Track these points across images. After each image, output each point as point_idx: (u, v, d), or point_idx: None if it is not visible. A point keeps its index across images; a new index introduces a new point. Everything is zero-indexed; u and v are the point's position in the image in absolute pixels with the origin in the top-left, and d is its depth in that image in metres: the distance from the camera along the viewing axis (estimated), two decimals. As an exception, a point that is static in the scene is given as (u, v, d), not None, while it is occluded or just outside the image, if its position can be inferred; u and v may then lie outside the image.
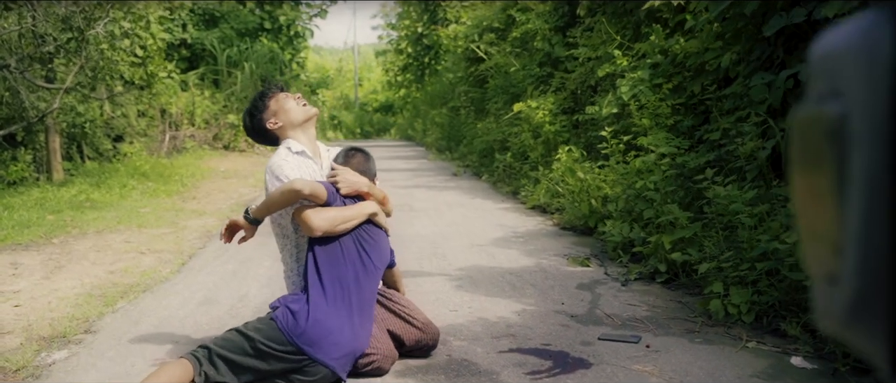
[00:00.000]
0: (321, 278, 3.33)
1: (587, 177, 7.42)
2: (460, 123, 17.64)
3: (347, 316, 3.28)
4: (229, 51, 22.34)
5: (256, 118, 3.64)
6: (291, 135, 3.61)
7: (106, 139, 15.41)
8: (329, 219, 3.31)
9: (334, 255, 3.37)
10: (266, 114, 3.61)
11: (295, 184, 3.28)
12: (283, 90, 3.70)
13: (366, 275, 3.40)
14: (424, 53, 31.61)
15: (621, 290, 5.06)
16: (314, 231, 3.28)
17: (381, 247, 3.58)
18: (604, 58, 9.31)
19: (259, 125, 3.64)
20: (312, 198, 3.33)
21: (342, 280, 3.33)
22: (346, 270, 3.35)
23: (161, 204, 9.89)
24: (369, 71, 50.59)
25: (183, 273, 5.97)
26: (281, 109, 3.60)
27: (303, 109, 3.63)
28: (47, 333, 4.41)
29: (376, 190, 3.62)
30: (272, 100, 3.63)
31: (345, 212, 3.40)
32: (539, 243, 6.80)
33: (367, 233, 3.50)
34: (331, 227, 3.30)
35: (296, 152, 3.55)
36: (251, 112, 3.67)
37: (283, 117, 3.59)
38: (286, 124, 3.59)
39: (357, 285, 3.36)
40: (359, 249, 3.44)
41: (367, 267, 3.43)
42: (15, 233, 7.53)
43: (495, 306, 4.70)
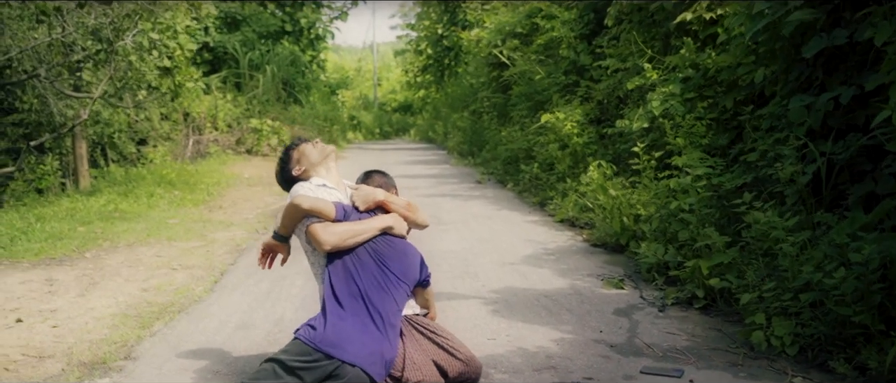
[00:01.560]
0: (336, 291, 3.40)
1: (619, 195, 7.36)
2: (483, 128, 17.57)
3: (366, 323, 3.30)
4: (251, 54, 22.40)
5: (285, 169, 3.94)
6: (315, 174, 3.85)
7: (130, 142, 15.50)
8: (338, 234, 3.46)
9: (349, 269, 3.44)
10: (291, 164, 3.91)
11: (295, 199, 3.54)
12: (304, 142, 3.97)
13: (386, 287, 3.42)
14: (444, 55, 31.52)
15: (659, 317, 5.02)
16: (323, 245, 3.44)
17: (405, 259, 3.59)
18: (632, 69, 9.26)
19: (288, 175, 3.91)
20: (316, 214, 3.49)
21: (359, 292, 3.37)
22: (362, 283, 3.40)
23: (188, 214, 9.92)
24: (388, 70, 50.60)
25: (216, 292, 5.98)
26: (302, 156, 3.89)
27: (319, 148, 3.91)
28: (87, 358, 4.42)
29: (396, 198, 3.75)
30: (295, 151, 3.93)
31: (355, 227, 3.52)
32: (571, 261, 6.76)
33: (388, 245, 3.55)
34: (340, 241, 3.45)
35: (317, 185, 3.75)
36: (280, 166, 3.97)
37: (305, 161, 3.87)
38: (308, 166, 3.86)
39: (377, 296, 3.38)
40: (376, 261, 3.48)
41: (387, 278, 3.46)
42: (48, 247, 7.57)
43: (533, 334, 4.66)
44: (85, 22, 9.61)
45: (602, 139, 10.16)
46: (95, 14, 9.61)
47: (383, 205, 3.68)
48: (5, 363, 4.37)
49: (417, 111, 39.25)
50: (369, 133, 36.34)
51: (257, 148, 18.71)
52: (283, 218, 3.63)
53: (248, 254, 7.41)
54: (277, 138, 19.21)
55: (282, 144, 18.94)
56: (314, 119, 23.00)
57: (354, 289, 3.37)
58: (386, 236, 3.57)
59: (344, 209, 3.57)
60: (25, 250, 7.42)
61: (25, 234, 8.06)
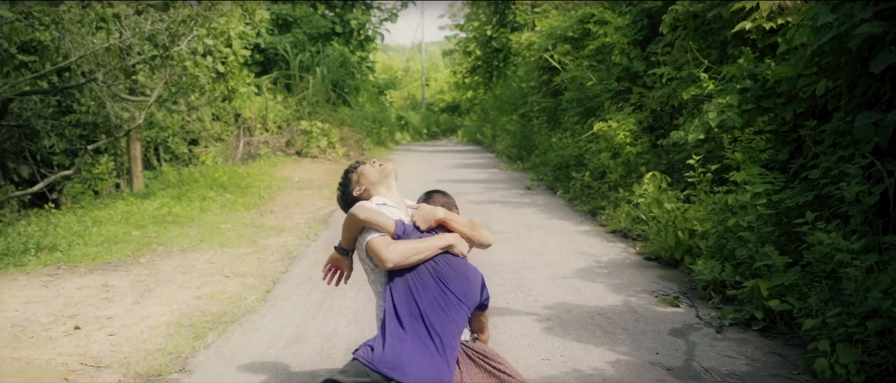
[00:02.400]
0: (397, 310, 3.35)
1: (674, 209, 7.23)
2: (532, 132, 17.47)
3: (426, 344, 3.24)
4: (301, 55, 22.60)
5: (346, 192, 3.91)
6: (375, 194, 3.81)
7: (182, 143, 15.74)
8: (399, 251, 3.41)
9: (409, 288, 3.39)
10: (351, 185, 3.89)
11: (353, 211, 3.55)
12: (362, 164, 3.93)
13: (446, 308, 3.35)
14: (493, 56, 31.43)
15: (716, 338, 4.90)
16: (385, 262, 3.39)
17: (466, 280, 3.51)
18: (687, 78, 9.10)
19: (349, 198, 3.88)
20: (373, 226, 3.47)
21: (419, 313, 3.31)
22: (422, 303, 3.34)
23: (240, 219, 10.01)
24: (436, 70, 50.68)
25: (269, 302, 6.01)
26: (361, 177, 3.86)
27: (378, 169, 3.87)
28: (143, 369, 4.47)
29: (457, 217, 3.70)
30: (354, 173, 3.91)
31: (417, 244, 3.46)
32: (625, 276, 6.66)
33: (449, 265, 3.48)
34: (401, 259, 3.39)
35: (378, 203, 3.70)
36: (341, 189, 3.95)
37: (364, 181, 3.84)
38: (368, 186, 3.83)
39: (437, 317, 3.32)
40: (437, 282, 3.42)
41: (447, 298, 3.39)
42: (104, 251, 7.70)
43: (588, 355, 4.59)
44: (142, 27, 9.77)
45: (654, 148, 10.01)
46: (152, 20, 9.76)
47: (444, 224, 3.62)
48: (65, 372, 4.44)
49: (465, 112, 39.22)
50: (417, 133, 36.40)
51: (307, 150, 18.84)
52: (343, 230, 3.63)
53: (299, 263, 7.45)
54: (327, 140, 19.34)
55: (331, 146, 19.09)
56: (363, 120, 23.11)
57: (415, 310, 3.32)
58: (447, 256, 3.51)
59: (404, 226, 3.53)
60: (83, 254, 7.55)
61: (82, 238, 8.20)
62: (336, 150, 19.46)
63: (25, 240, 7.95)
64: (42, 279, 6.72)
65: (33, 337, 5.14)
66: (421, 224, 3.58)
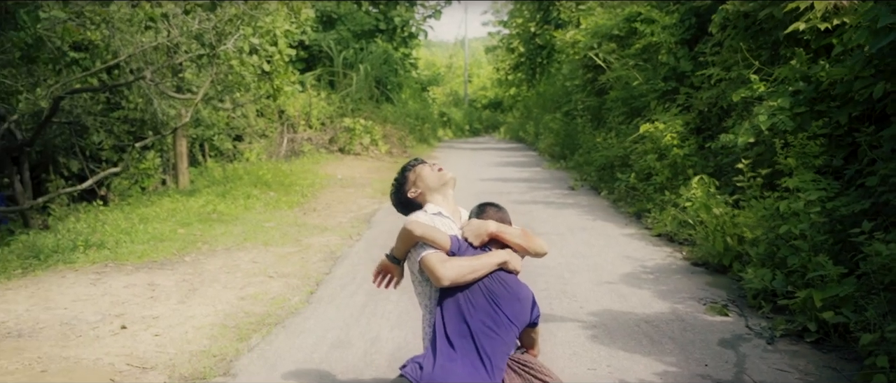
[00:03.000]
0: (447, 329, 3.25)
1: (723, 214, 7.08)
2: (576, 131, 17.32)
3: (477, 367, 3.16)
4: (345, 52, 22.69)
5: (400, 191, 3.75)
6: (430, 200, 3.65)
7: (227, 139, 15.91)
8: (455, 269, 3.26)
9: (461, 306, 3.28)
10: (407, 185, 3.71)
11: (408, 225, 3.37)
12: (422, 163, 3.77)
13: (497, 329, 3.26)
14: (536, 53, 31.23)
15: (768, 350, 4.78)
16: (440, 281, 3.26)
17: (518, 302, 3.40)
18: (737, 80, 8.91)
19: (403, 197, 3.73)
20: (429, 242, 3.33)
21: (469, 332, 3.22)
22: (473, 323, 3.24)
23: (283, 217, 10.06)
24: (479, 67, 50.58)
25: (312, 304, 6.01)
26: (418, 178, 3.68)
27: (438, 175, 3.68)
28: (188, 372, 4.49)
29: (509, 228, 3.52)
30: (411, 172, 3.73)
31: (473, 262, 3.32)
32: (671, 282, 6.53)
33: (502, 285, 3.35)
34: (457, 277, 3.25)
35: (432, 213, 3.56)
36: (396, 186, 3.78)
37: (421, 184, 3.67)
38: (424, 190, 3.66)
39: (487, 337, 3.22)
40: (489, 302, 3.32)
41: (498, 320, 3.30)
42: (150, 249, 7.78)
43: (635, 365, 4.50)
44: (189, 26, 9.86)
45: (701, 150, 9.83)
46: (199, 19, 9.85)
47: (497, 238, 3.50)
48: (111, 373, 4.48)
49: (507, 109, 39.06)
50: (459, 130, 36.37)
51: (350, 147, 18.91)
52: (397, 241, 3.50)
53: (342, 263, 7.45)
54: (369, 137, 19.38)
55: (374, 143, 19.12)
56: (405, 117, 23.13)
57: (464, 329, 3.24)
58: (500, 273, 3.37)
59: (458, 242, 3.42)
60: (129, 252, 7.64)
61: (129, 235, 8.30)
62: (379, 147, 19.51)
63: (75, 237, 8.08)
64: (90, 276, 6.80)
65: (81, 335, 5.19)
66: (472, 240, 3.43)
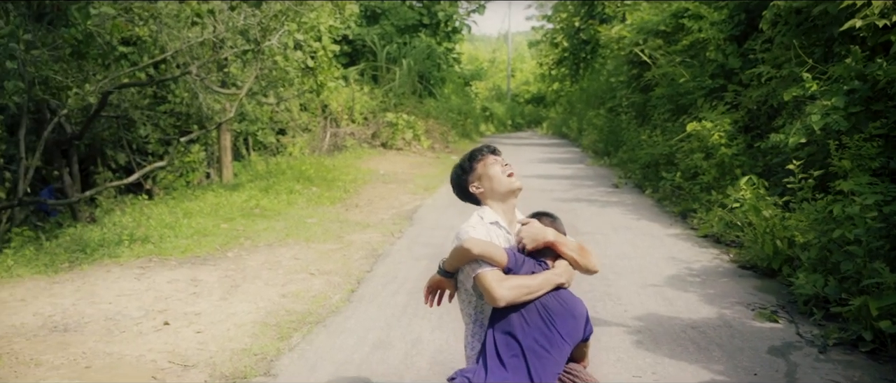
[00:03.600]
0: (498, 347, 3.14)
1: (772, 216, 6.90)
2: (620, 128, 17.12)
3: None
4: (389, 47, 22.70)
5: (463, 178, 3.49)
6: (490, 203, 3.42)
7: (270, 132, 16.02)
8: (513, 289, 3.09)
9: (513, 325, 3.15)
10: (471, 176, 3.45)
11: (465, 243, 3.16)
12: (494, 153, 3.50)
13: (549, 348, 3.15)
14: (581, 48, 30.97)
15: (820, 360, 4.63)
16: (496, 301, 3.09)
17: (573, 319, 3.28)
18: (789, 78, 8.69)
19: (464, 184, 3.49)
20: (486, 260, 3.13)
21: (521, 351, 3.12)
22: (525, 341, 3.13)
23: (326, 213, 10.08)
24: (522, 61, 50.37)
25: (353, 302, 5.98)
26: (486, 175, 3.42)
27: (507, 181, 3.41)
28: (229, 371, 4.48)
29: (567, 240, 3.34)
30: (480, 164, 3.45)
31: (530, 283, 3.14)
32: (719, 286, 6.39)
33: (559, 301, 3.23)
34: (514, 298, 3.09)
35: (489, 222, 3.35)
36: (459, 171, 3.52)
37: (487, 184, 3.41)
38: (487, 191, 3.41)
39: (538, 358, 3.11)
40: (545, 320, 3.21)
41: (552, 338, 3.19)
42: (194, 244, 7.83)
43: (681, 373, 4.40)
44: (235, 22, 9.92)
45: (750, 149, 9.63)
46: (245, 15, 9.90)
47: (554, 247, 3.37)
48: (153, 370, 4.49)
49: (550, 104, 38.85)
50: (501, 125, 36.23)
51: (392, 142, 18.92)
52: (451, 257, 3.30)
53: (383, 261, 7.42)
54: (412, 132, 19.37)
55: (416, 138, 19.09)
56: (448, 112, 23.09)
57: (516, 348, 3.13)
58: (560, 291, 3.28)
59: (515, 257, 3.23)
60: (173, 247, 7.69)
61: (173, 230, 8.37)
62: (421, 143, 19.49)
63: (120, 231, 8.17)
64: (134, 271, 6.86)
65: (125, 331, 5.23)
66: (528, 243, 3.27)
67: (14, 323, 5.40)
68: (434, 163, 17.17)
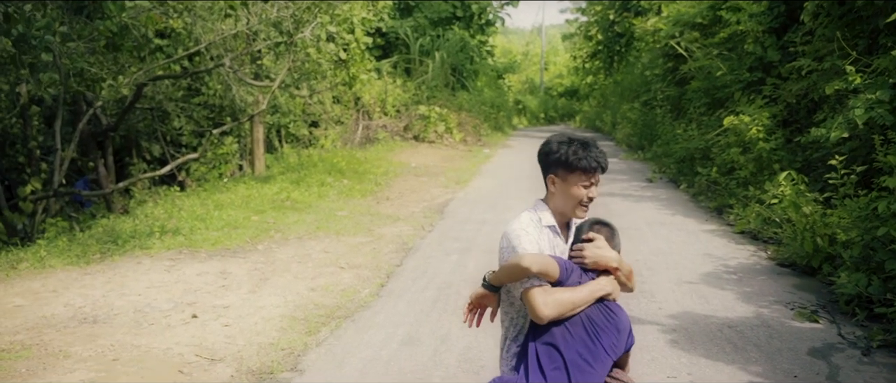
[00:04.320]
0: (541, 360, 3.02)
1: (813, 213, 6.71)
2: (655, 122, 16.88)
3: None
4: (422, 39, 22.62)
5: (552, 162, 3.07)
6: (551, 205, 3.13)
7: (303, 125, 16.03)
8: (558, 305, 2.91)
9: (557, 338, 3.03)
10: (559, 171, 3.06)
11: (523, 261, 2.92)
12: (598, 171, 3.05)
13: (593, 362, 3.05)
14: (615, 41, 30.65)
15: (863, 363, 4.47)
16: (540, 319, 2.92)
17: (617, 332, 3.12)
18: (830, 71, 8.47)
19: (548, 166, 3.09)
20: (542, 277, 2.96)
21: (564, 365, 3.00)
22: (568, 355, 3.01)
23: (356, 206, 10.03)
24: (555, 55, 50.00)
25: (382, 297, 5.91)
26: (567, 191, 3.06)
27: (573, 210, 3.09)
28: (256, 365, 4.44)
29: (625, 264, 3.14)
30: (576, 174, 3.03)
31: (574, 298, 2.96)
32: (756, 284, 6.22)
33: (603, 314, 3.09)
34: (558, 315, 2.92)
35: (546, 225, 3.09)
36: (556, 155, 3.06)
37: (560, 194, 3.08)
38: (555, 198, 3.10)
39: (581, 371, 3.01)
40: (589, 333, 3.08)
41: (596, 352, 3.07)
42: (224, 237, 7.82)
43: (718, 374, 4.27)
44: (268, 14, 9.91)
45: (788, 144, 9.41)
46: (278, 7, 9.88)
47: (613, 272, 3.21)
48: (180, 364, 4.46)
49: (584, 97, 38.49)
50: (534, 118, 36.04)
51: (424, 134, 18.84)
52: (504, 274, 3.03)
53: (414, 255, 7.35)
54: (444, 125, 19.28)
55: (448, 131, 19.00)
56: (480, 105, 22.96)
57: (558, 361, 3.00)
58: (603, 301, 3.15)
59: (566, 268, 3.03)
60: (203, 239, 7.69)
61: (204, 222, 8.37)
62: (453, 136, 19.39)
63: (151, 223, 8.19)
64: (164, 263, 6.86)
65: (153, 324, 5.21)
66: (590, 264, 3.05)
67: (45, 314, 5.40)
68: (466, 156, 17.06)
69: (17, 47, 7.25)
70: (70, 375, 4.26)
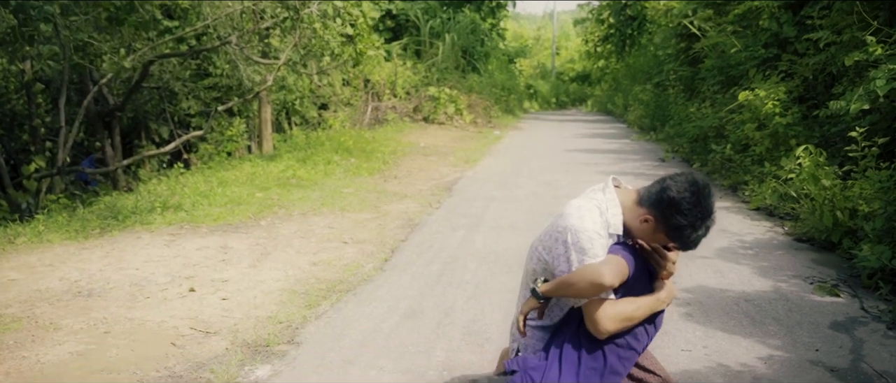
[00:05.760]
0: (581, 357, 2.77)
1: (832, 186, 6.48)
2: (667, 102, 16.62)
3: None
4: (432, 21, 22.39)
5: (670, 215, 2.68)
6: (630, 223, 2.74)
7: (312, 107, 15.86)
8: (619, 321, 2.66)
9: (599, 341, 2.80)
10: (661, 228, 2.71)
11: (605, 279, 2.59)
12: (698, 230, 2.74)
13: (624, 372, 2.89)
14: (627, 24, 30.37)
15: (889, 336, 4.26)
16: (599, 334, 2.67)
17: (655, 332, 2.97)
18: (849, 43, 8.21)
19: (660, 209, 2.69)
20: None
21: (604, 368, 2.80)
22: (610, 360, 2.81)
23: (363, 184, 9.84)
24: (567, 39, 49.67)
25: (386, 272, 5.73)
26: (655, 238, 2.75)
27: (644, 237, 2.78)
28: (252, 338, 4.26)
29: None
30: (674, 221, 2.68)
31: (637, 313, 2.72)
32: (773, 259, 6.01)
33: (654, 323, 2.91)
34: (616, 330, 2.68)
35: (611, 233, 2.72)
36: (686, 222, 2.69)
37: (646, 231, 2.74)
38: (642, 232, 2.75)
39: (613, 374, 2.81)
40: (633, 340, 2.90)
41: (632, 360, 2.91)
42: (227, 213, 7.65)
43: (735, 347, 4.06)
44: (275, -11, 9.74)
45: (805, 119, 9.15)
46: (284, -19, 9.71)
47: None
48: (174, 336, 4.29)
49: (595, 82, 38.21)
50: (545, 102, 35.81)
51: (434, 116, 18.64)
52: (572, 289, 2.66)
53: (420, 231, 7.15)
54: (454, 107, 19.07)
55: (458, 113, 18.80)
56: (491, 88, 22.74)
57: (600, 361, 2.82)
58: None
59: (632, 266, 2.75)
60: (206, 215, 7.52)
61: (207, 198, 8.21)
62: (463, 117, 19.17)
63: (153, 199, 8.03)
64: (164, 238, 6.70)
65: (149, 297, 5.05)
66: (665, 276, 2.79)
67: (39, 288, 5.25)
68: (476, 137, 16.84)
69: (15, 17, 7.08)
70: (59, 347, 4.10)
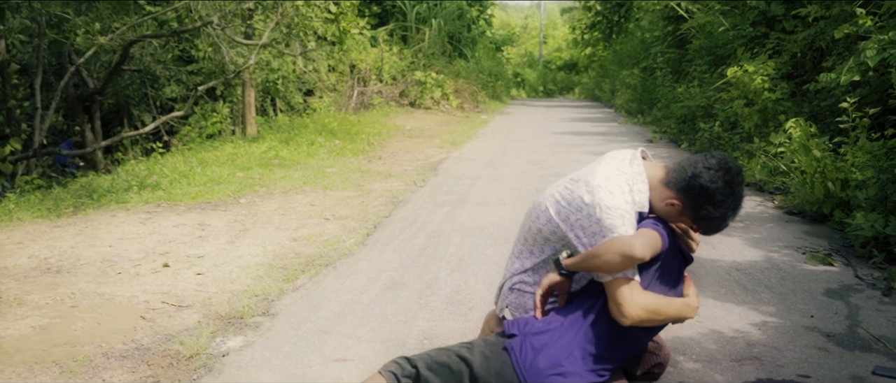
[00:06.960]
0: (597, 347, 2.60)
1: (824, 157, 6.35)
2: (655, 85, 16.51)
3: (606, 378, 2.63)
4: (418, 7, 22.21)
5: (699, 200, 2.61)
6: (654, 202, 2.69)
7: (297, 93, 15.65)
8: (648, 311, 2.53)
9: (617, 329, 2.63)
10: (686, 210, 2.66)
11: (636, 252, 2.48)
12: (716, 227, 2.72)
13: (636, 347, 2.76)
14: (614, 11, 30.23)
15: (884, 302, 4.12)
16: (623, 319, 2.52)
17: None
18: (839, 17, 8.09)
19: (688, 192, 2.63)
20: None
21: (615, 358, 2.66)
22: (623, 350, 2.68)
23: (347, 164, 9.66)
24: (554, 28, 49.57)
25: (367, 246, 5.56)
26: (678, 219, 2.70)
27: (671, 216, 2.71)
28: (225, 311, 4.09)
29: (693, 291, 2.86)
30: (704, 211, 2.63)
31: (667, 310, 2.61)
32: (764, 231, 5.88)
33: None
34: (641, 322, 2.54)
35: (638, 211, 2.64)
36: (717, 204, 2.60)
37: (671, 213, 2.68)
38: (668, 213, 2.70)
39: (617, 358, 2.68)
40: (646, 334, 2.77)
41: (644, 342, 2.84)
42: (206, 191, 7.47)
43: (728, 315, 3.92)
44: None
45: (793, 95, 9.04)
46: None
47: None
48: (144, 310, 4.11)
49: (582, 70, 38.13)
50: (533, 91, 35.76)
51: (421, 100, 18.47)
52: (602, 262, 2.53)
53: (403, 207, 6.99)
54: (441, 91, 18.90)
55: (445, 98, 18.63)
56: (478, 74, 22.59)
57: (622, 353, 2.69)
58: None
59: (664, 238, 2.65)
60: (184, 193, 7.34)
61: (186, 178, 8.02)
62: (450, 102, 19.00)
63: (130, 179, 7.83)
64: (140, 216, 6.51)
65: (121, 273, 4.86)
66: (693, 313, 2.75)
67: (6, 265, 5.06)
68: (463, 121, 16.67)
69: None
70: (21, 321, 3.92)
